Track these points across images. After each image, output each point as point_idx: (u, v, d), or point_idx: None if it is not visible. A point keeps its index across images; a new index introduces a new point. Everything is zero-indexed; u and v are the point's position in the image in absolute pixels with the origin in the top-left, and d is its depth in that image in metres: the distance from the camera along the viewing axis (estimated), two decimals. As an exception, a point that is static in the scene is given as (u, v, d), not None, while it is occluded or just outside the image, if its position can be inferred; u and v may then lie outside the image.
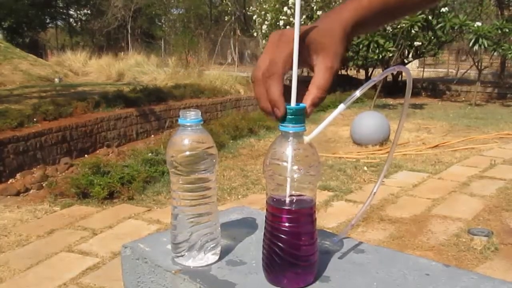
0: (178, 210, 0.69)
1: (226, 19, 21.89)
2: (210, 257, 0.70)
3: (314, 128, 0.62)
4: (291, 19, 11.23)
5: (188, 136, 0.67)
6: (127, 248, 0.75)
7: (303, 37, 0.62)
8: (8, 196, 4.72)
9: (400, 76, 13.68)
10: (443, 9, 10.39)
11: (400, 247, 3.31)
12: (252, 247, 0.75)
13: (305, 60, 0.64)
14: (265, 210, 0.66)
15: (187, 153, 0.66)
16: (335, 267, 0.69)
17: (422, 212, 4.02)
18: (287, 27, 10.43)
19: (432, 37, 11.56)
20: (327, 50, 0.63)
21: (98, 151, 6.63)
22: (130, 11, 23.21)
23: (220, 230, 0.72)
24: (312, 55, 0.63)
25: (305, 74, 9.04)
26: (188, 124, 0.66)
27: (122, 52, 18.35)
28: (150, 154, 5.42)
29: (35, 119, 6.02)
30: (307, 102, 0.61)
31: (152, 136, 7.90)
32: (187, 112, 0.67)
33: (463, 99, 12.79)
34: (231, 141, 6.83)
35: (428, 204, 4.21)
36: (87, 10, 26.30)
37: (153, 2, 25.84)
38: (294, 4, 10.99)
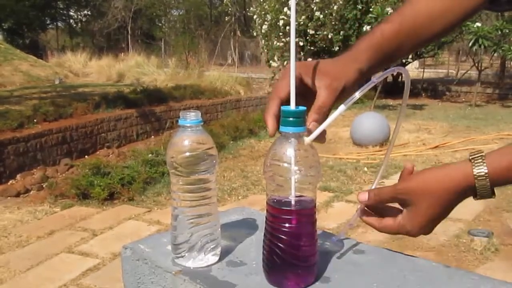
0: (178, 211, 0.69)
1: (226, 20, 21.89)
2: (210, 258, 0.70)
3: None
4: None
5: (188, 137, 0.67)
6: (127, 249, 0.75)
7: (317, 69, 0.69)
8: (8, 197, 4.72)
9: (400, 77, 13.67)
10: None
11: (401, 248, 3.30)
12: (253, 248, 0.75)
13: (311, 88, 0.68)
14: (265, 211, 0.66)
15: (187, 154, 0.66)
16: (335, 268, 0.69)
17: (423, 212, 4.01)
18: (287, 27, 10.42)
19: (432, 38, 11.53)
20: (329, 74, 0.68)
21: (98, 152, 6.64)
22: (130, 12, 23.23)
23: (220, 231, 0.72)
24: (317, 81, 0.68)
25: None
26: (188, 125, 0.66)
27: (122, 53, 18.35)
28: (150, 155, 5.42)
29: (35, 120, 6.02)
30: (308, 123, 0.64)
31: (152, 137, 7.91)
32: (187, 113, 0.67)
33: (463, 99, 12.78)
34: (231, 142, 6.83)
35: (428, 205, 4.20)
36: (87, 11, 26.34)
37: (153, 3, 25.87)
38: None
